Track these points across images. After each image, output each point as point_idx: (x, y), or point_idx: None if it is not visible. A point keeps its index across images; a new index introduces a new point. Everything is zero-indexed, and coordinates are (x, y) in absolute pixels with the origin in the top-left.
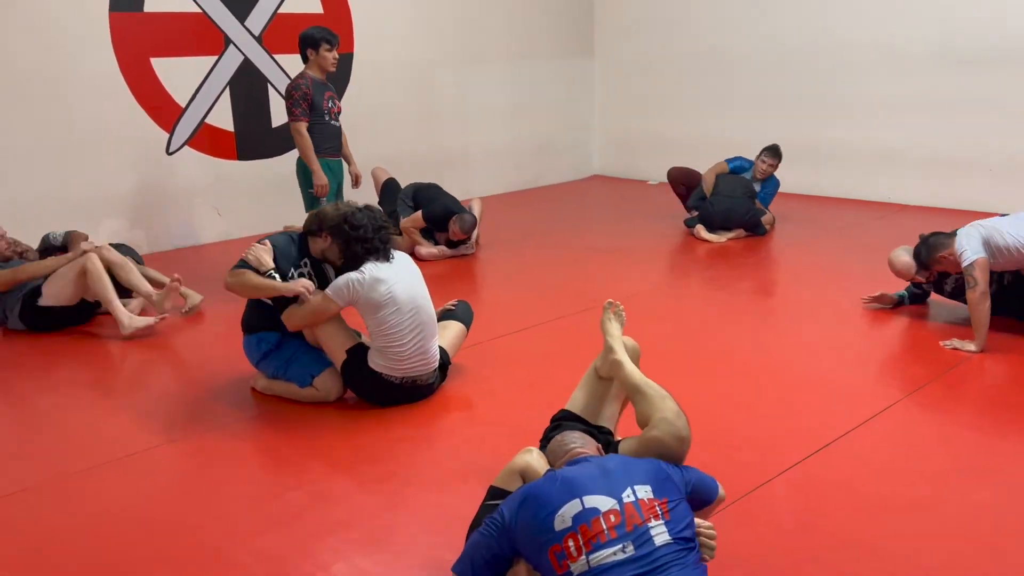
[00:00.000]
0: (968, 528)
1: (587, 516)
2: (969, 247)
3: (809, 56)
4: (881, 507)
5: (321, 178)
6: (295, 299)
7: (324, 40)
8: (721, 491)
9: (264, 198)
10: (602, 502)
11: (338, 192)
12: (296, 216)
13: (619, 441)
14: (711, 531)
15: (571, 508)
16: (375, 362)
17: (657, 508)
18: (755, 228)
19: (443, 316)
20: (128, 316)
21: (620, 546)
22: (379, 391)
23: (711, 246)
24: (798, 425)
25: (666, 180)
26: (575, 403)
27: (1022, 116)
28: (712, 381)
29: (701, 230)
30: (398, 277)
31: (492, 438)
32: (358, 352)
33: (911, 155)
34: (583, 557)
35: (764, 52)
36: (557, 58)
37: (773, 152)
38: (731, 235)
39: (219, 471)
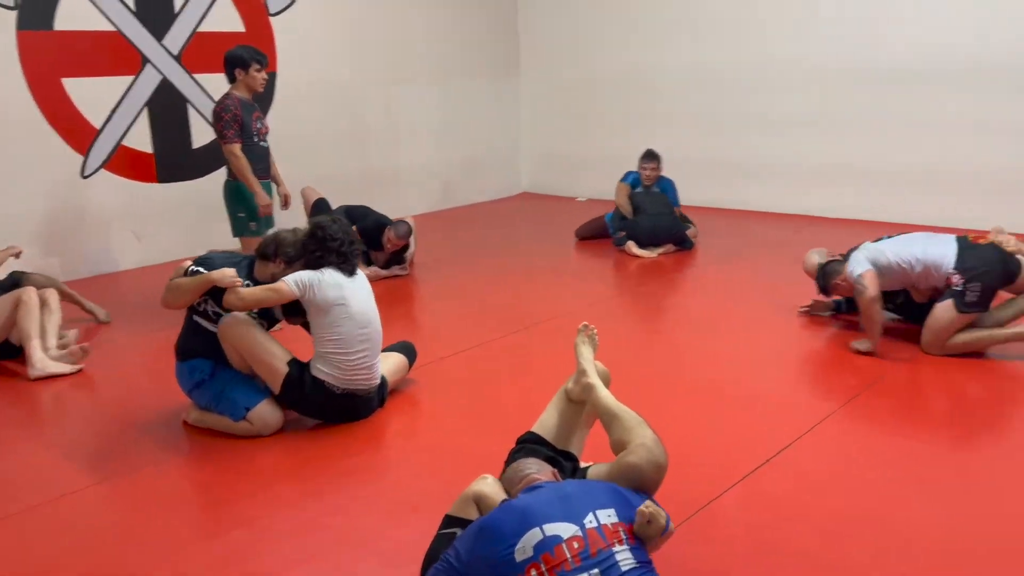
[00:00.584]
0: (910, 537)
1: (549, 544)
2: (858, 266)
3: (730, 74)
4: (827, 518)
5: (264, 198)
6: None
7: (254, 60)
8: (671, 525)
9: (185, 222)
10: (564, 529)
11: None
12: (221, 240)
13: (587, 467)
14: (649, 512)
15: (531, 537)
16: (318, 369)
17: (621, 532)
18: (683, 242)
19: (386, 349)
20: (42, 360)
21: (585, 574)
22: (320, 403)
23: (643, 262)
24: (741, 440)
25: (593, 197)
26: (543, 426)
27: (936, 131)
28: (652, 398)
29: (632, 246)
30: (355, 288)
31: (438, 465)
32: (299, 364)
33: (832, 169)
34: None
35: (686, 71)
36: (484, 77)
37: (649, 156)
38: (660, 250)
39: (156, 512)
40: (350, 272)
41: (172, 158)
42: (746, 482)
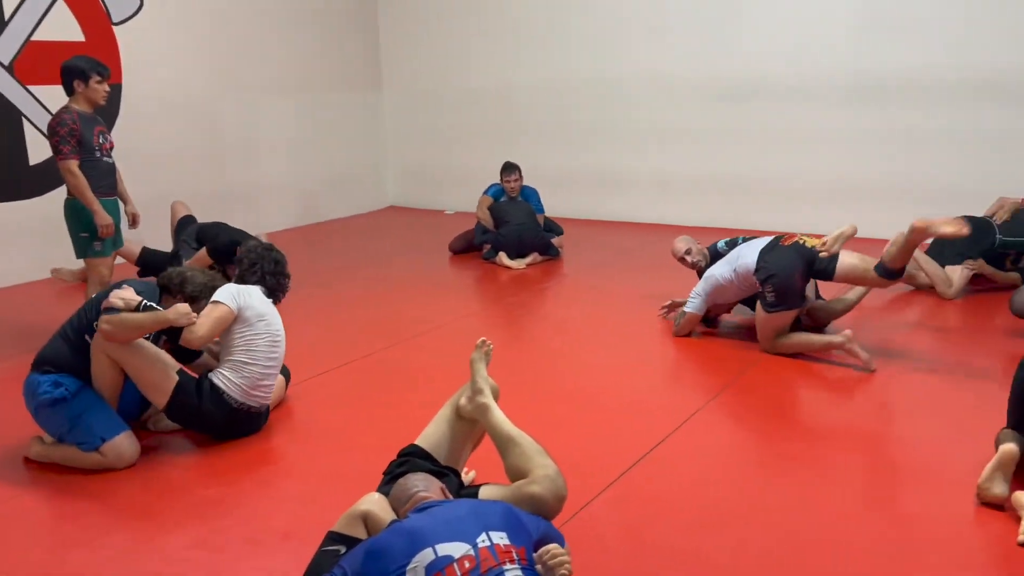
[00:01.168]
0: (776, 528)
1: (441, 564)
2: (691, 301)
3: (588, 88)
4: (697, 514)
5: (104, 218)
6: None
7: (95, 71)
8: (566, 547)
9: (23, 242)
10: (456, 548)
11: (115, 233)
12: (66, 262)
13: (479, 486)
14: (556, 554)
15: (423, 558)
16: (221, 376)
17: (514, 554)
18: (548, 250)
19: None
20: None
21: None
22: (212, 414)
23: (512, 273)
24: (611, 443)
25: (461, 209)
26: (427, 439)
27: (794, 141)
28: (523, 406)
29: (503, 257)
30: (273, 313)
31: (309, 487)
32: (191, 376)
33: (689, 179)
34: None
35: (546, 85)
36: (345, 90)
37: (510, 168)
38: (528, 260)
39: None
40: (274, 299)
41: (7, 176)
42: (618, 484)
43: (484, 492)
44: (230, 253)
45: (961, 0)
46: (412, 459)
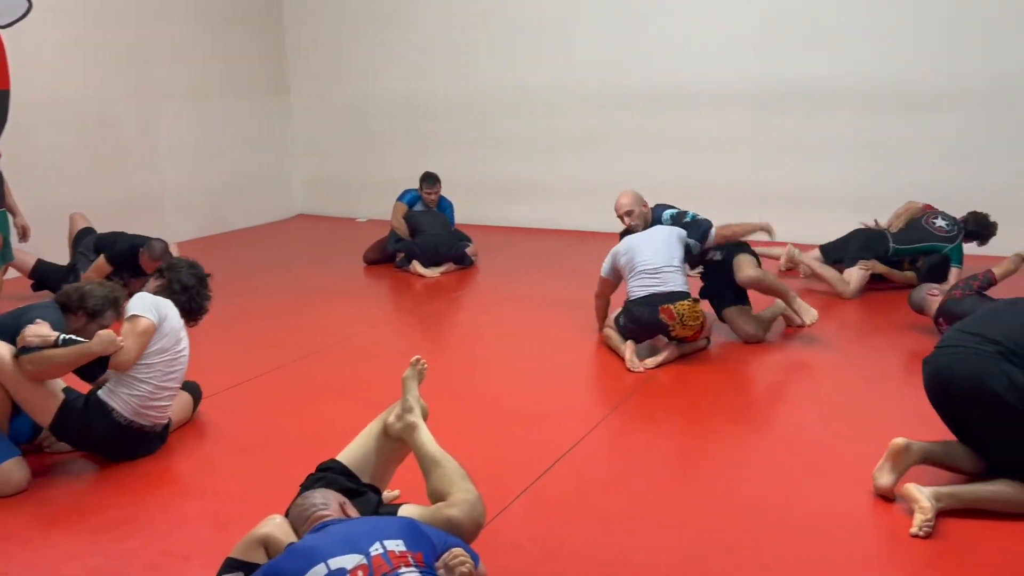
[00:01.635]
0: (687, 528)
1: None
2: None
3: (498, 98)
4: (611, 517)
5: None
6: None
7: None
8: (483, 568)
9: None
10: (348, 560)
11: (4, 247)
12: None
13: (399, 505)
14: (458, 554)
15: (316, 573)
16: (111, 392)
17: (409, 559)
18: (462, 260)
19: None
20: None
21: None
22: (100, 433)
23: (427, 281)
24: (524, 450)
25: (373, 217)
26: (350, 455)
27: (698, 148)
28: (438, 415)
29: (417, 265)
30: (182, 328)
31: (214, 508)
32: (78, 393)
33: (599, 186)
34: None
35: (460, 93)
36: (251, 96)
37: (432, 180)
38: (442, 269)
39: None
40: (184, 313)
41: None
42: (532, 490)
43: (403, 511)
44: (131, 258)
45: (865, 12)
46: (328, 474)
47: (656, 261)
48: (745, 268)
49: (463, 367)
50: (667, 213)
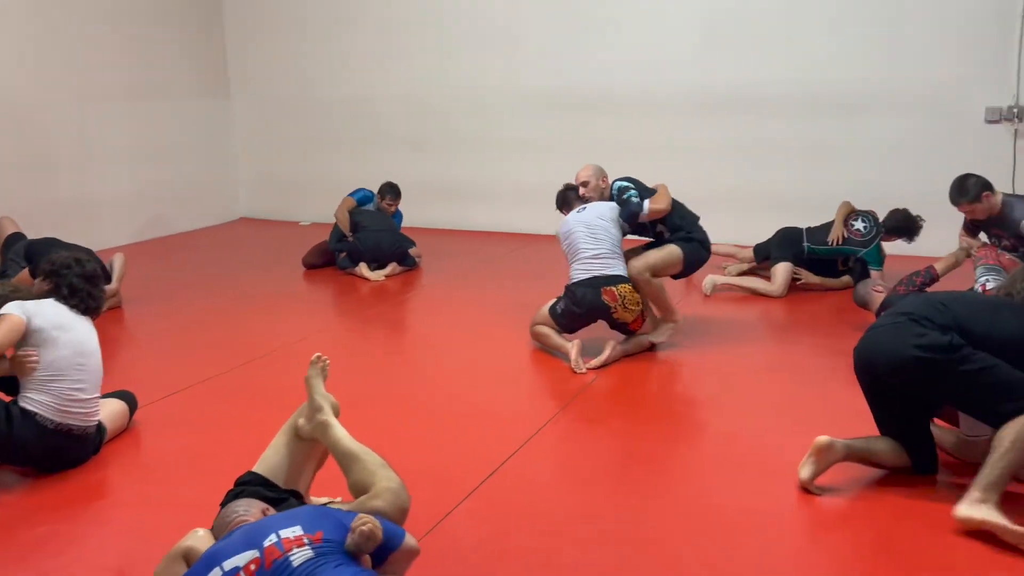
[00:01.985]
0: (631, 529)
1: None
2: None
3: (445, 100)
4: (555, 520)
5: None
6: None
7: None
8: (412, 542)
9: None
10: (242, 558)
11: None
12: None
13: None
14: (363, 518)
15: None
16: (29, 399)
17: (305, 540)
18: (404, 259)
19: (104, 396)
20: None
21: None
22: (29, 441)
23: (372, 285)
24: (469, 453)
25: (316, 221)
26: (267, 464)
27: (632, 154)
28: (381, 419)
29: (363, 268)
30: (79, 321)
31: (148, 520)
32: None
33: (545, 189)
34: None
35: (405, 95)
36: (191, 98)
37: (395, 193)
38: (387, 271)
39: None
40: (80, 310)
41: None
42: (476, 494)
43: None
44: None
45: (802, 20)
46: (247, 488)
47: (598, 248)
48: (635, 260)
49: (408, 370)
50: (618, 183)
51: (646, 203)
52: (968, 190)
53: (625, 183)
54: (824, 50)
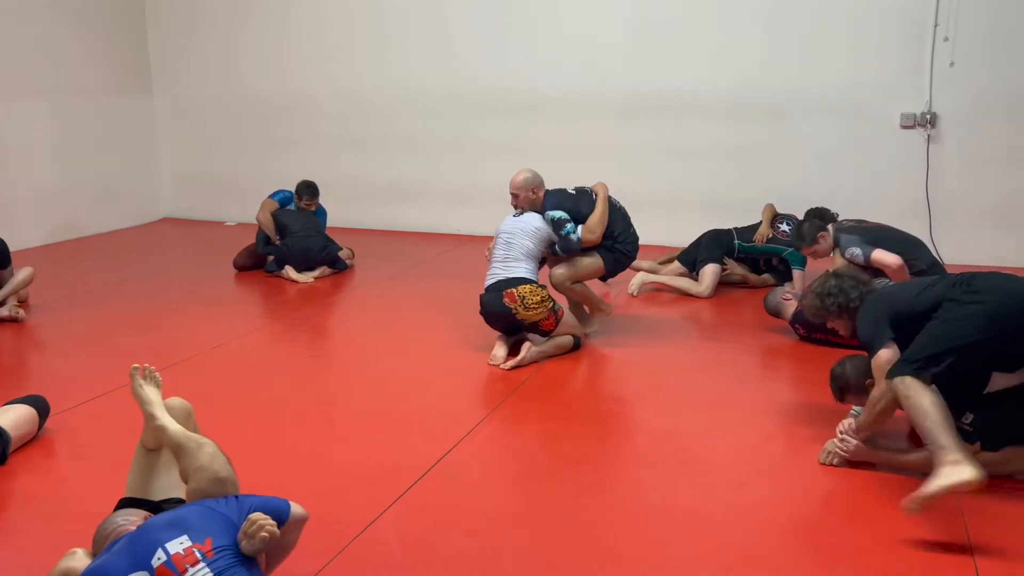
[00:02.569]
0: (562, 531)
1: None
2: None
3: (377, 99)
4: (484, 524)
5: None
6: None
7: None
8: (299, 510)
9: None
10: None
11: None
12: None
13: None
14: (255, 519)
15: None
16: None
17: (196, 553)
18: (335, 263)
19: (13, 401)
20: None
21: None
22: None
23: (301, 287)
24: (397, 457)
25: (243, 221)
26: (132, 486)
27: (563, 156)
28: (308, 424)
29: (290, 271)
30: None
31: (60, 533)
32: None
33: (476, 190)
34: None
35: (337, 95)
36: (110, 94)
37: (312, 192)
38: (316, 273)
39: None
40: None
41: None
42: (405, 498)
43: None
44: None
45: (729, 27)
46: (124, 510)
47: (507, 253)
48: (558, 268)
49: (336, 374)
50: (551, 215)
51: (578, 232)
52: (804, 236)
53: (559, 215)
54: (751, 56)
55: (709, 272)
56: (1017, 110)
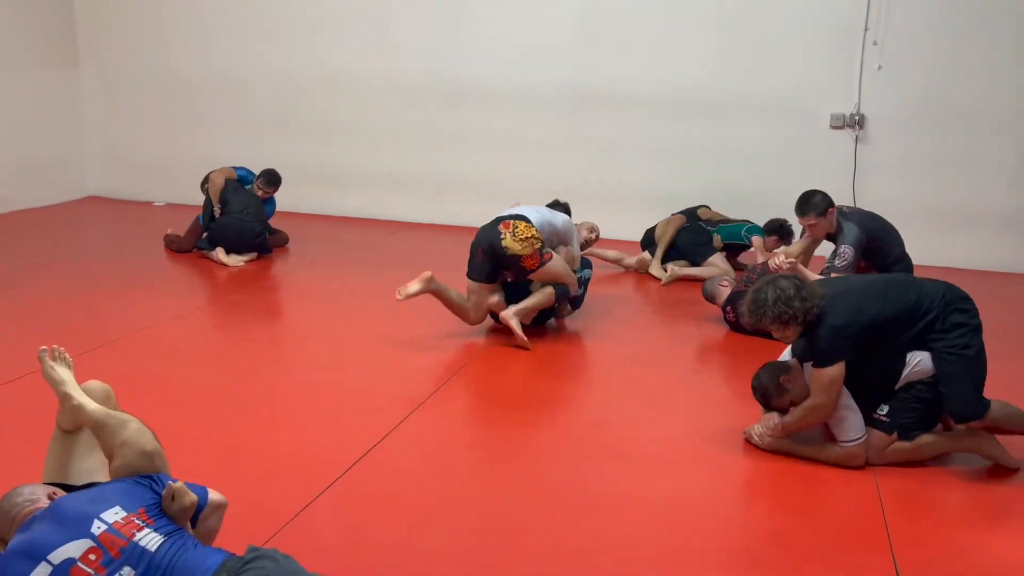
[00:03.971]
0: (498, 519)
1: (63, 570)
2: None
3: (317, 83)
4: (419, 510)
5: None
6: None
7: None
8: (218, 496)
9: None
10: (72, 548)
11: None
12: None
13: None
14: (174, 488)
15: (41, 573)
16: None
17: (136, 520)
18: (264, 250)
19: None
20: None
21: (118, 575)
22: None
23: (231, 270)
24: (332, 442)
25: (173, 202)
26: (48, 471)
27: (501, 147)
28: (239, 411)
29: (220, 253)
30: None
31: None
32: None
33: (413, 177)
34: None
35: (276, 77)
36: (33, 67)
37: (268, 179)
38: (246, 258)
39: None
40: None
41: None
42: (339, 483)
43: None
44: None
45: (668, 25)
46: None
47: (522, 206)
48: (511, 308)
49: (269, 359)
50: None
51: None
52: (815, 204)
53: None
54: (689, 55)
55: (719, 258)
56: (941, 113)
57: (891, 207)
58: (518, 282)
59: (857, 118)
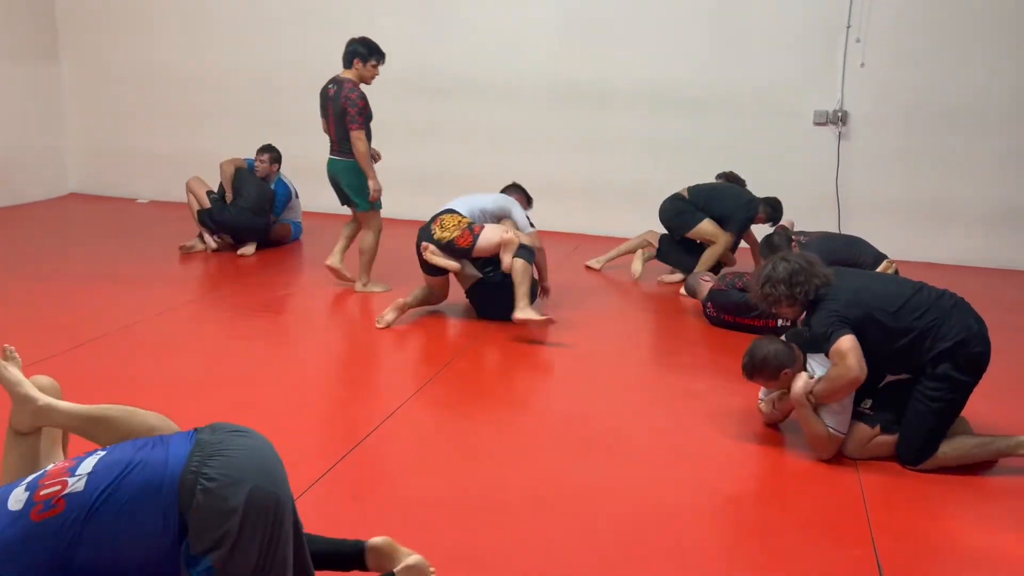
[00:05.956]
0: (482, 512)
1: (37, 480)
2: None
3: (299, 78)
4: (407, 504)
5: None
6: None
7: None
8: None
9: None
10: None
11: None
12: None
13: None
14: None
15: (16, 496)
16: None
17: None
18: (265, 242)
19: None
20: None
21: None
22: None
23: (220, 265)
24: (319, 437)
25: (156, 198)
26: (6, 476)
27: (485, 141)
28: (224, 405)
29: (207, 236)
30: None
31: None
32: None
33: (402, 173)
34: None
35: (260, 72)
36: (8, 59)
37: (267, 150)
38: (244, 250)
39: None
40: None
41: None
42: (327, 478)
43: None
44: None
45: (653, 20)
46: None
47: (459, 201)
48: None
49: (258, 353)
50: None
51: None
52: (777, 245)
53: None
54: (674, 51)
55: (709, 223)
56: (924, 110)
57: (872, 202)
58: (497, 291)
59: (840, 115)
